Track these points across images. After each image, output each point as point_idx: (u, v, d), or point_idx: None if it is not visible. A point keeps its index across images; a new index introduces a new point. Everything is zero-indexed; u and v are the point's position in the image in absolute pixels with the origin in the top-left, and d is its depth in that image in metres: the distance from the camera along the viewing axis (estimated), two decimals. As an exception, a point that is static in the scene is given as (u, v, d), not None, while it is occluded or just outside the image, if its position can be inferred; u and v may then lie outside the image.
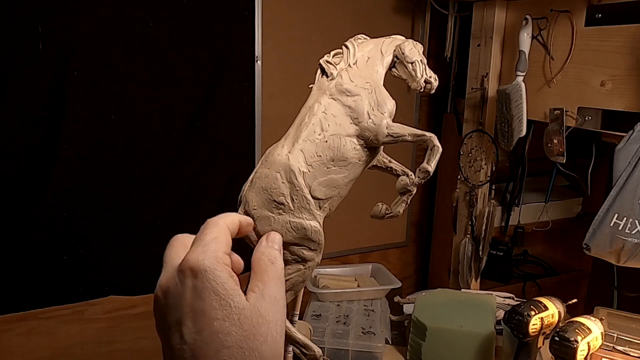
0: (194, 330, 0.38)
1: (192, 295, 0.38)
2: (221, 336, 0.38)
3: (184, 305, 0.39)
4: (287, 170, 0.49)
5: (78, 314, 1.68)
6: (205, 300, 0.38)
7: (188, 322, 0.38)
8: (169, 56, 1.64)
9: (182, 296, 0.39)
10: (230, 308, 0.38)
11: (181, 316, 0.39)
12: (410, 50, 0.55)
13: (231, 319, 0.38)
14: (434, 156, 0.51)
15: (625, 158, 1.27)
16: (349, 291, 1.66)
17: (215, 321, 0.38)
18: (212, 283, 0.38)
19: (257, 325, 0.39)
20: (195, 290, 0.38)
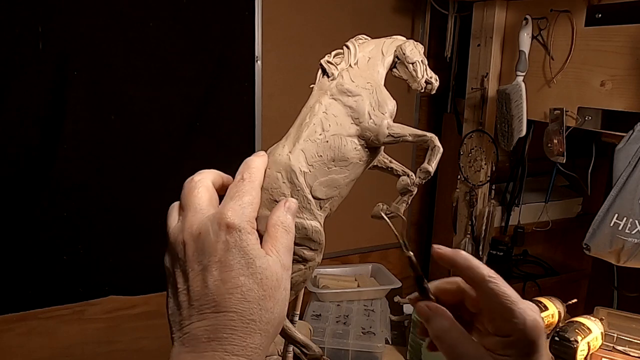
0: (219, 279, 0.41)
1: (223, 248, 0.41)
2: (244, 290, 0.41)
3: (213, 255, 0.41)
4: (288, 170, 0.49)
5: (78, 314, 1.68)
6: (235, 256, 0.41)
7: (214, 271, 0.41)
8: (169, 56, 1.64)
9: (212, 246, 0.41)
10: (256, 268, 0.41)
11: (208, 264, 0.41)
12: (411, 50, 0.55)
13: (255, 278, 0.41)
14: (434, 156, 0.51)
15: (625, 158, 1.27)
16: (349, 291, 1.66)
17: (241, 277, 0.41)
18: (243, 243, 0.41)
19: (274, 288, 0.42)
20: (227, 244, 0.41)
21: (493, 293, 0.44)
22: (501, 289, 0.44)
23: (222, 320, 0.40)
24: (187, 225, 0.43)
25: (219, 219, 0.42)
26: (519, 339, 0.43)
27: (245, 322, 0.40)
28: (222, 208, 0.43)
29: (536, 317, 0.43)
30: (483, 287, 0.45)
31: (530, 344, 0.43)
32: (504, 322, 0.43)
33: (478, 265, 0.46)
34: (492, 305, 0.44)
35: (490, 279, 0.45)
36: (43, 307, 1.62)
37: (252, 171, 0.47)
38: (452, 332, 0.45)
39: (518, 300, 0.44)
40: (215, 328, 0.40)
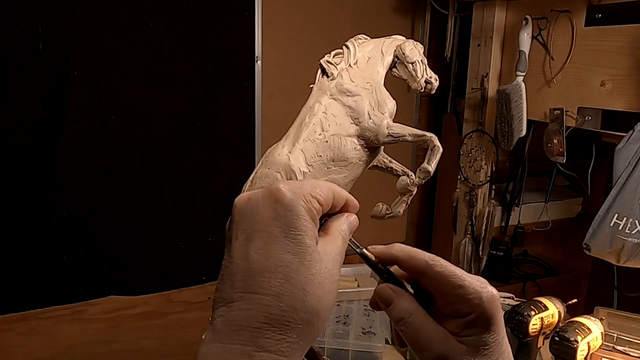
0: (261, 251, 0.36)
1: (270, 217, 0.37)
2: (288, 271, 0.36)
3: (258, 222, 0.37)
4: (288, 170, 0.49)
5: (78, 314, 1.68)
6: (282, 228, 0.36)
7: (258, 241, 0.36)
8: (169, 56, 1.64)
9: (259, 212, 0.37)
10: (305, 246, 0.36)
11: (252, 233, 0.37)
12: (411, 50, 0.55)
13: (302, 258, 0.36)
14: (434, 156, 0.52)
15: (625, 158, 1.27)
16: (349, 291, 1.65)
17: (285, 253, 0.36)
18: (293, 214, 0.37)
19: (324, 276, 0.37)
20: (275, 213, 0.37)
21: (441, 276, 0.42)
22: (448, 269, 0.42)
23: (256, 305, 0.35)
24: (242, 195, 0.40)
25: (272, 187, 0.38)
26: (478, 316, 0.41)
27: (283, 309, 0.35)
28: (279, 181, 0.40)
29: (490, 290, 0.42)
30: (429, 272, 0.43)
31: (490, 317, 0.41)
32: (460, 302, 0.42)
33: (417, 253, 0.44)
34: (444, 288, 0.42)
35: (434, 263, 0.42)
36: (43, 307, 1.62)
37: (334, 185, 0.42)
38: (417, 316, 0.43)
39: (467, 277, 0.42)
40: (249, 314, 0.35)
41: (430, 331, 0.42)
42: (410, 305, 0.43)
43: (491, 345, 0.41)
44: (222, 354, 0.35)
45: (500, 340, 0.42)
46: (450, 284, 0.42)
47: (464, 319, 0.42)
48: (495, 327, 0.42)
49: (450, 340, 0.42)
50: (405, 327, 0.43)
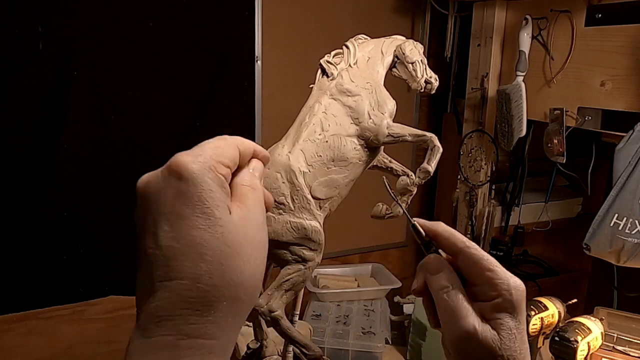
0: (170, 235, 0.33)
1: (174, 196, 0.34)
2: (201, 248, 0.33)
3: (163, 205, 0.34)
4: (288, 170, 0.49)
5: (78, 314, 1.67)
6: (188, 205, 0.33)
7: (165, 225, 0.33)
8: (169, 56, 1.64)
9: (162, 194, 0.34)
10: (215, 219, 0.34)
11: (158, 217, 0.34)
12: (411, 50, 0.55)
13: (213, 231, 0.34)
14: (434, 156, 0.52)
15: (625, 158, 1.27)
16: (349, 291, 1.66)
17: (195, 230, 0.33)
18: (197, 188, 0.34)
19: (241, 244, 0.35)
20: (178, 192, 0.34)
21: (474, 258, 0.45)
22: (481, 253, 0.45)
23: (174, 292, 0.33)
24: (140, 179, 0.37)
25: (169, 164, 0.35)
26: (505, 300, 0.43)
27: (203, 290, 0.33)
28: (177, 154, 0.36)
29: (517, 280, 0.44)
30: (464, 253, 0.45)
31: (515, 304, 0.43)
32: (489, 286, 0.44)
33: (457, 234, 0.47)
34: (475, 270, 0.45)
35: (470, 245, 0.45)
36: (43, 307, 1.62)
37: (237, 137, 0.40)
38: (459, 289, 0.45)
39: (498, 265, 0.45)
40: (168, 302, 0.33)
41: (467, 305, 0.44)
42: (454, 277, 0.46)
43: (514, 332, 0.43)
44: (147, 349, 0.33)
45: (523, 329, 0.44)
46: (482, 267, 0.44)
47: (491, 302, 0.44)
48: (519, 316, 0.44)
49: (481, 320, 0.44)
50: (447, 295, 0.45)
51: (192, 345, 0.33)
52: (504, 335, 0.43)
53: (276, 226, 0.48)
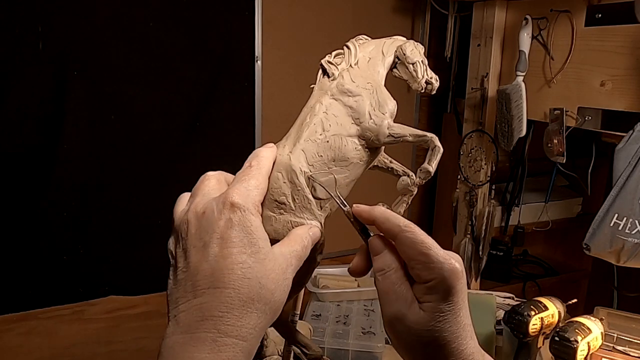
0: (219, 254, 0.41)
1: (226, 225, 0.41)
2: (244, 267, 0.40)
3: (215, 231, 0.41)
4: (289, 170, 0.49)
5: (78, 314, 1.68)
6: (238, 233, 0.41)
7: (215, 247, 0.41)
8: (169, 56, 1.64)
9: (215, 223, 0.41)
10: (259, 247, 0.42)
11: (209, 240, 0.41)
12: (412, 51, 0.55)
13: (256, 257, 0.41)
14: (434, 156, 0.51)
15: (625, 158, 1.27)
16: (349, 291, 1.65)
17: (242, 254, 0.41)
18: (247, 222, 0.42)
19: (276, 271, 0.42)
20: (230, 222, 0.41)
21: (410, 242, 0.45)
22: (418, 237, 0.45)
23: (219, 297, 0.39)
24: (193, 207, 0.44)
25: (224, 198, 0.42)
26: (438, 283, 0.44)
27: (242, 299, 0.40)
28: (228, 189, 0.43)
29: (453, 263, 0.44)
30: (400, 237, 0.45)
31: (449, 288, 0.44)
32: (423, 269, 0.44)
33: (395, 217, 0.47)
34: (411, 253, 0.45)
35: (406, 229, 0.45)
36: (43, 307, 1.62)
37: (260, 159, 0.47)
38: (395, 272, 0.46)
39: (435, 247, 0.45)
40: (210, 306, 0.39)
41: (400, 289, 0.46)
42: (394, 262, 0.47)
43: (446, 314, 0.44)
44: (188, 342, 0.39)
45: (457, 310, 0.45)
46: (417, 250, 0.45)
47: (424, 284, 0.45)
48: (453, 298, 0.44)
49: (412, 303, 0.45)
50: (382, 278, 0.47)
51: (228, 343, 0.39)
52: (433, 317, 0.44)
53: (277, 226, 0.48)
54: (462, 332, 0.45)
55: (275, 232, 0.48)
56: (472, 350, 0.45)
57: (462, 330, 0.45)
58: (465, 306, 0.46)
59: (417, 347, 0.46)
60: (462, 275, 0.45)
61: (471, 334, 0.46)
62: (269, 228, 0.49)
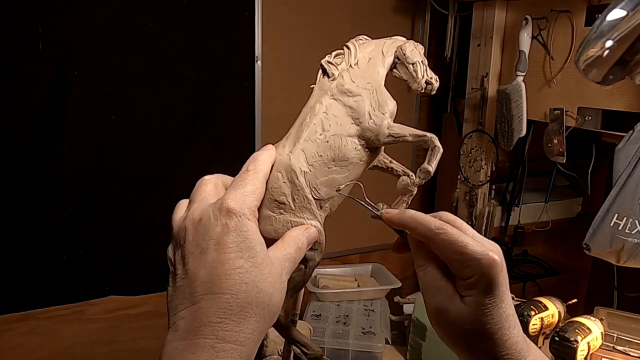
0: (216, 260, 0.41)
1: (223, 231, 0.41)
2: (242, 272, 0.40)
3: (212, 237, 0.41)
4: (289, 169, 0.49)
5: (78, 314, 1.68)
6: (234, 239, 0.41)
7: (212, 252, 0.41)
8: (169, 56, 1.64)
9: (212, 229, 0.42)
10: (256, 252, 0.42)
11: (206, 246, 0.41)
12: (412, 51, 0.55)
13: (253, 261, 0.41)
14: (434, 156, 0.51)
15: (625, 158, 1.27)
16: (349, 291, 1.66)
17: (239, 259, 0.41)
18: (243, 227, 0.42)
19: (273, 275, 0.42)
20: (226, 227, 0.41)
21: (445, 243, 0.45)
22: (451, 237, 0.45)
23: (216, 303, 0.40)
24: (190, 213, 0.44)
25: (220, 204, 0.42)
26: (478, 279, 0.44)
27: (240, 305, 0.40)
28: (224, 195, 0.44)
29: (491, 255, 0.44)
30: (435, 240, 0.46)
31: (490, 281, 0.44)
32: (462, 267, 0.45)
33: (426, 220, 0.47)
34: (447, 254, 0.46)
35: (438, 232, 0.46)
36: (43, 307, 1.62)
37: (257, 164, 0.47)
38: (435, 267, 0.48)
39: (470, 243, 0.45)
40: (209, 312, 0.39)
41: (440, 284, 0.47)
42: (432, 257, 0.48)
43: (488, 307, 0.45)
44: (187, 349, 0.39)
45: (499, 302, 0.45)
46: (452, 250, 0.45)
47: (466, 280, 0.45)
48: (494, 291, 0.45)
49: (454, 297, 0.46)
50: (423, 273, 0.48)
51: (227, 349, 0.39)
52: (476, 310, 0.45)
53: (277, 225, 0.48)
54: (505, 322, 0.45)
55: (275, 232, 0.48)
56: (516, 340, 0.46)
57: (505, 320, 0.45)
58: (507, 296, 0.46)
59: (461, 338, 0.46)
60: (502, 267, 0.45)
61: (515, 322, 0.46)
62: (269, 228, 0.49)
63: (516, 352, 0.46)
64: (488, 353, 0.45)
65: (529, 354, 0.46)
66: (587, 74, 1.12)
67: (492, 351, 0.45)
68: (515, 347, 0.46)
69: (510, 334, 0.46)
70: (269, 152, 0.49)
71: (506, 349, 0.45)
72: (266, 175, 0.48)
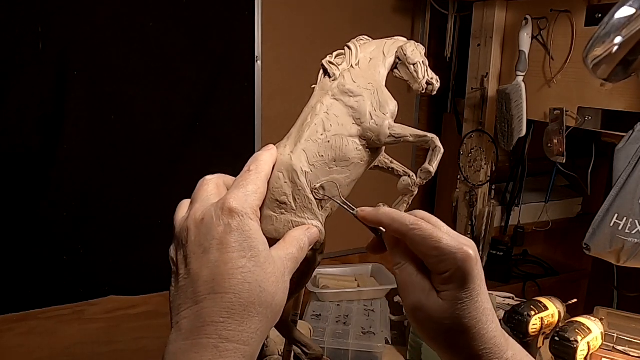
0: (219, 260, 0.41)
1: (225, 231, 0.41)
2: (244, 272, 0.40)
3: (214, 237, 0.41)
4: (290, 169, 0.49)
5: (78, 314, 1.68)
6: (237, 238, 0.41)
7: (215, 252, 0.41)
8: (169, 56, 1.64)
9: (214, 229, 0.42)
10: (258, 251, 0.42)
11: (209, 246, 0.41)
12: (412, 51, 0.55)
13: (256, 261, 0.41)
14: (435, 157, 0.52)
15: (625, 158, 1.27)
16: (349, 291, 1.65)
17: (242, 259, 0.41)
18: (245, 227, 0.42)
19: (276, 274, 0.42)
20: (229, 227, 0.41)
21: (419, 239, 0.46)
22: (425, 232, 0.46)
23: (219, 303, 0.39)
24: (192, 213, 0.44)
25: (222, 204, 0.42)
26: (453, 274, 0.45)
27: (244, 304, 0.40)
28: (226, 195, 0.44)
29: (465, 250, 0.45)
30: (410, 236, 0.46)
31: (465, 275, 0.45)
32: (437, 262, 0.45)
33: (400, 217, 0.47)
34: (422, 250, 0.46)
35: (413, 227, 0.46)
36: (43, 307, 1.62)
37: (259, 163, 0.47)
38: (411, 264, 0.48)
39: (445, 238, 0.45)
40: (212, 311, 0.39)
41: (417, 280, 0.47)
42: (408, 254, 0.48)
43: (464, 301, 0.45)
44: (190, 349, 0.39)
45: (475, 296, 0.46)
46: (427, 246, 0.46)
47: (441, 275, 0.46)
48: (470, 285, 0.45)
49: (430, 293, 0.46)
50: (400, 270, 0.48)
51: (230, 348, 0.39)
52: (453, 305, 0.45)
53: (278, 225, 0.48)
54: (482, 316, 0.46)
55: (277, 232, 0.48)
56: (494, 334, 0.46)
57: (482, 314, 0.46)
58: (483, 290, 0.47)
59: (439, 334, 0.47)
60: (476, 261, 0.45)
61: (492, 317, 0.47)
62: (270, 228, 0.49)
63: (495, 347, 0.46)
64: (467, 348, 0.46)
65: (508, 349, 0.47)
66: (595, 71, 1.12)
67: (470, 346, 0.45)
68: (494, 342, 0.46)
69: (489, 328, 0.46)
70: (270, 152, 0.49)
71: (484, 343, 0.45)
72: (268, 175, 0.48)
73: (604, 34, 1.07)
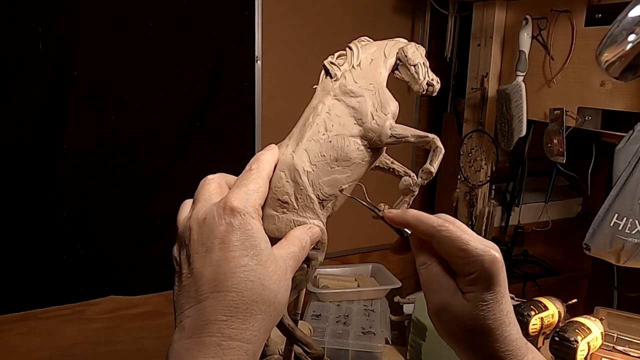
0: (221, 259, 0.41)
1: (227, 230, 0.42)
2: (247, 270, 0.41)
3: (216, 236, 0.41)
4: (292, 169, 0.49)
5: (78, 314, 1.68)
6: (239, 237, 0.41)
7: (217, 251, 0.41)
8: (169, 56, 1.64)
9: (216, 228, 0.42)
10: (260, 250, 0.42)
11: (211, 245, 0.41)
12: (413, 53, 0.55)
13: (258, 259, 0.41)
14: (436, 157, 0.52)
15: (625, 158, 1.27)
16: (349, 291, 1.66)
17: (244, 257, 0.41)
18: (247, 226, 0.42)
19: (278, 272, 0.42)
20: (230, 226, 0.42)
21: (447, 241, 0.46)
22: (453, 234, 0.46)
23: (222, 301, 0.40)
24: (194, 213, 0.44)
25: (224, 203, 0.43)
26: (480, 275, 0.46)
27: (246, 302, 0.40)
28: (228, 194, 0.44)
29: (492, 253, 0.46)
30: (437, 237, 0.47)
31: (491, 278, 0.46)
32: (464, 264, 0.46)
33: (428, 218, 0.48)
34: (449, 251, 0.47)
35: (441, 228, 0.47)
36: (43, 307, 1.62)
37: (260, 163, 0.47)
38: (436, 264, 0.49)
39: (472, 240, 0.46)
40: (214, 310, 0.40)
41: (442, 280, 0.48)
42: (434, 255, 0.49)
43: (489, 302, 0.46)
44: (193, 347, 0.39)
45: (500, 299, 0.46)
46: (454, 247, 0.46)
47: (467, 277, 0.46)
48: (495, 287, 0.46)
49: (455, 293, 0.47)
50: (425, 271, 0.49)
51: (233, 346, 0.39)
52: (477, 306, 0.46)
53: (280, 225, 0.48)
54: (505, 318, 0.46)
55: (279, 231, 0.49)
56: (516, 337, 0.47)
57: (505, 317, 0.46)
58: (506, 293, 0.47)
59: (462, 335, 0.47)
60: (502, 264, 0.46)
61: (514, 320, 0.48)
62: (272, 227, 0.49)
63: (515, 349, 0.46)
64: (488, 349, 0.46)
65: (528, 352, 0.47)
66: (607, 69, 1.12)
67: (492, 347, 0.46)
68: (515, 344, 0.47)
69: (511, 331, 0.47)
70: (272, 151, 0.49)
71: (506, 345, 0.46)
72: (269, 175, 0.48)
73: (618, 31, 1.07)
